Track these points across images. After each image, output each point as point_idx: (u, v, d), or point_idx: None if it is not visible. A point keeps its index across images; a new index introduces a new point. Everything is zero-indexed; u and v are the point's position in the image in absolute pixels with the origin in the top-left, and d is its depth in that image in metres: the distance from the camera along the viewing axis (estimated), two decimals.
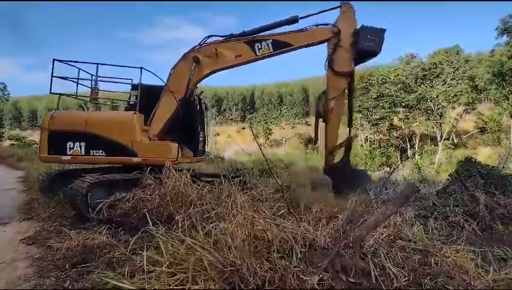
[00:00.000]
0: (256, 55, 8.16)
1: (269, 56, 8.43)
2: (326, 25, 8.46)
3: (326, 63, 8.90)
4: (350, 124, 9.72)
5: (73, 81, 7.96)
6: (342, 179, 8.54)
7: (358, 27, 8.53)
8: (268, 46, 8.11)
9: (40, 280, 4.16)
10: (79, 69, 7.97)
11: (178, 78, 7.96)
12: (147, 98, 7.84)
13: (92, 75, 8.38)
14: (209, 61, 8.00)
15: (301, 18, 8.39)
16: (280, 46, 8.25)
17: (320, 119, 9.20)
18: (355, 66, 8.79)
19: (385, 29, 8.53)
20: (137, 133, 7.59)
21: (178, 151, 7.71)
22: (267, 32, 8.32)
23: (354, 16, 8.61)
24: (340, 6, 8.51)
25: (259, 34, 8.20)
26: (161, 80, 8.64)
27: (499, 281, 4.42)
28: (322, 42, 8.82)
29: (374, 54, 8.72)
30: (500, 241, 6.79)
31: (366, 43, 8.26)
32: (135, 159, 7.47)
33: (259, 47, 8.09)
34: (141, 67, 7.86)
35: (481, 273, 4.62)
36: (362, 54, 8.65)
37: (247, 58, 8.29)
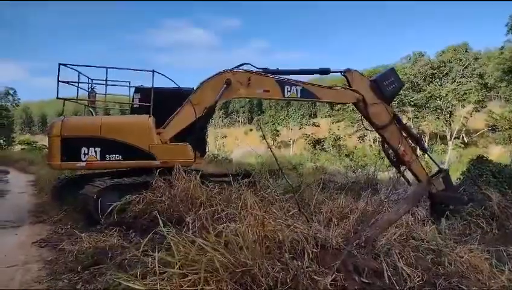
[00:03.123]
0: (284, 96, 8.40)
1: (294, 100, 8.93)
2: (351, 89, 8.60)
3: (366, 123, 9.13)
4: (424, 150, 9.95)
5: (74, 85, 7.98)
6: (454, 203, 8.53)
7: (371, 79, 8.84)
8: (296, 91, 8.36)
9: (53, 282, 4.19)
10: (79, 72, 7.99)
11: (206, 94, 8.01)
12: (155, 101, 7.86)
13: (89, 78, 8.41)
14: (240, 87, 8.13)
15: (332, 72, 8.82)
16: (307, 96, 8.56)
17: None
18: (389, 104, 8.91)
19: (393, 67, 9.11)
20: (154, 136, 7.65)
21: (194, 153, 7.81)
22: (299, 78, 8.63)
23: (362, 75, 8.92)
24: (343, 75, 8.65)
25: (291, 78, 8.44)
26: (174, 82, 8.67)
27: None
28: (345, 103, 9.02)
29: (399, 90, 9.22)
30: None
31: (389, 88, 8.56)
32: (154, 162, 7.49)
33: (289, 90, 8.31)
34: (153, 70, 7.88)
35: (496, 273, 4.56)
36: (392, 97, 9.00)
37: (275, 96, 8.57)
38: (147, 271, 3.57)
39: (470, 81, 46.15)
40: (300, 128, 66.44)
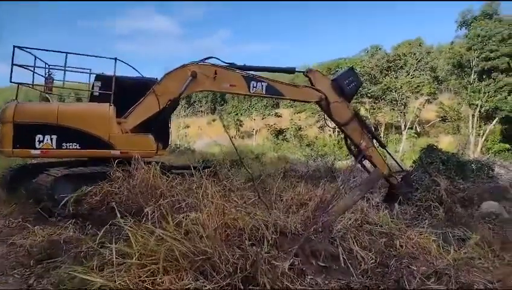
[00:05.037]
0: (249, 92, 8.43)
1: (260, 96, 8.68)
2: (315, 89, 8.76)
3: (328, 121, 9.52)
4: (382, 145, 9.99)
5: (29, 70, 7.57)
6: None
7: (332, 79, 9.10)
8: (262, 88, 8.40)
9: (3, 277, 3.99)
10: (35, 57, 7.60)
11: (170, 85, 7.83)
12: (116, 90, 7.61)
13: (46, 63, 8.01)
14: (205, 80, 8.00)
15: (297, 72, 9.17)
16: (272, 92, 8.62)
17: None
18: (350, 102, 9.20)
19: (352, 66, 8.90)
20: (114, 125, 7.41)
21: (156, 144, 7.66)
22: (265, 74, 8.72)
23: (323, 75, 9.27)
24: (306, 75, 8.83)
25: (257, 74, 8.47)
26: (137, 71, 8.49)
27: (458, 260, 4.69)
28: (308, 102, 8.95)
29: (359, 88, 9.63)
30: (460, 223, 7.18)
31: (349, 86, 8.80)
32: (113, 152, 7.28)
33: (254, 86, 8.33)
34: (115, 58, 7.61)
35: (442, 253, 4.88)
36: (352, 95, 9.31)
37: (240, 91, 8.65)
38: (104, 263, 3.51)
39: (423, 74, 48.30)
40: (263, 119, 66.74)
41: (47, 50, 7.74)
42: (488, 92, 38.07)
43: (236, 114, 71.60)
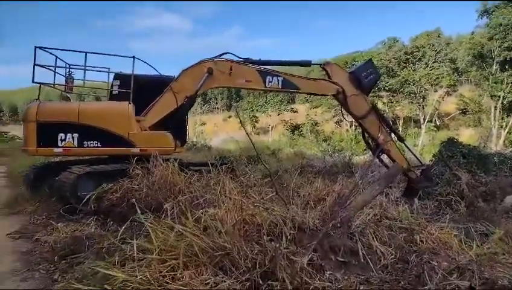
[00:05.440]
0: (265, 86, 8.42)
1: (276, 91, 8.95)
2: (332, 82, 8.68)
3: (346, 115, 9.46)
4: (401, 139, 9.88)
5: (50, 70, 7.75)
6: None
7: (349, 71, 8.98)
8: (278, 82, 8.37)
9: (29, 273, 4.13)
10: (56, 57, 7.77)
11: (186, 82, 7.92)
12: (135, 88, 7.72)
13: (66, 63, 8.17)
14: (221, 76, 8.04)
15: (313, 64, 9.24)
16: (288, 86, 8.56)
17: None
18: (368, 95, 9.08)
19: (371, 59, 9.58)
20: (133, 123, 7.54)
21: (175, 141, 7.76)
22: (281, 69, 8.73)
23: (340, 68, 9.18)
24: (323, 68, 8.78)
25: (272, 69, 8.48)
26: (155, 69, 8.55)
27: (481, 255, 4.58)
28: (325, 95, 9.85)
29: (377, 81, 9.51)
30: (482, 217, 7.01)
31: (368, 79, 8.66)
32: (133, 150, 7.41)
33: (270, 80, 8.31)
34: (133, 57, 7.72)
35: (464, 248, 4.78)
36: (370, 88, 9.20)
37: (256, 86, 8.62)
38: (125, 258, 3.57)
39: (442, 66, 47.20)
40: (278, 115, 66.59)
41: (67, 50, 7.90)
42: (511, 83, 36.90)
43: (252, 110, 71.62)
